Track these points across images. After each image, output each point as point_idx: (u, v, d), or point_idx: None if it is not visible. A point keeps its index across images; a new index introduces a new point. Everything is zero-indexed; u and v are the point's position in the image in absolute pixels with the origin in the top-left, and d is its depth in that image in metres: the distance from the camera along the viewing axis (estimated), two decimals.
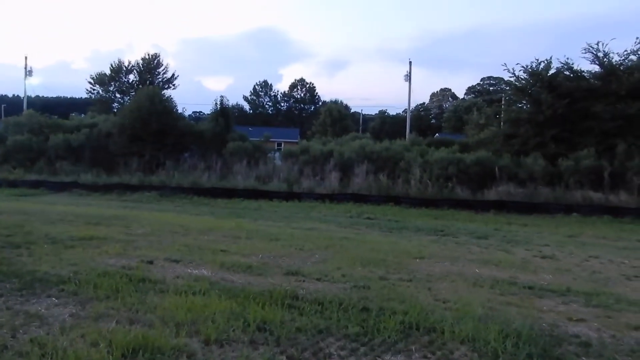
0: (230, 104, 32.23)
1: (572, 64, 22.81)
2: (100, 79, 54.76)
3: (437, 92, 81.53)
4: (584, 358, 3.84)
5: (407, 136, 35.55)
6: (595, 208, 17.73)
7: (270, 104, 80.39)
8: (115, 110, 44.52)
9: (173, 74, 55.81)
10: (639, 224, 15.91)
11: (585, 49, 22.28)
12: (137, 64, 55.05)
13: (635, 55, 22.08)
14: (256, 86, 79.01)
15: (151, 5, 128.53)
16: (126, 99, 51.21)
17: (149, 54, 55.82)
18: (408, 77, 40.62)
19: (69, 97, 77.17)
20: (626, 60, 22.15)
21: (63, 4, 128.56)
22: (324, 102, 72.81)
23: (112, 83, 55.24)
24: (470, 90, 75.22)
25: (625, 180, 18.68)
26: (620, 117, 19.93)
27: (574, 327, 4.62)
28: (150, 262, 6.56)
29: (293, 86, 79.91)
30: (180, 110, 30.75)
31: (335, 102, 63.87)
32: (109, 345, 3.52)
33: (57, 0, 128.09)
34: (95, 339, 3.64)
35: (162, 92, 33.05)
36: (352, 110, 72.03)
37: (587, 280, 6.99)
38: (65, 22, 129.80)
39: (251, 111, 77.05)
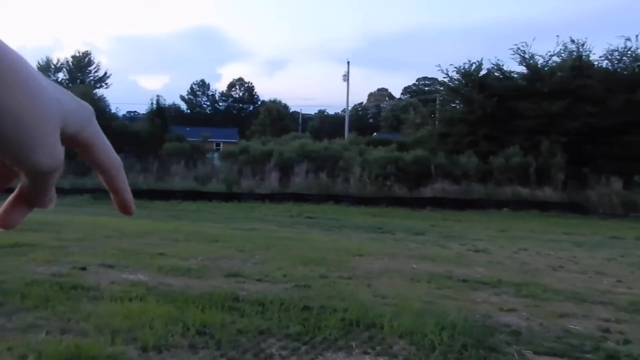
0: (166, 103, 31.52)
1: (502, 65, 23.97)
2: None
3: (374, 92, 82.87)
4: (514, 346, 4.03)
5: (346, 135, 36.01)
6: (524, 203, 18.68)
7: (208, 103, 78.94)
8: None
9: (105, 73, 53.83)
10: (563, 217, 16.90)
11: (513, 51, 23.47)
12: (67, 61, 52.69)
13: (557, 56, 23.49)
14: (193, 85, 77.31)
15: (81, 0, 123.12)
16: None
17: (79, 52, 53.55)
18: (346, 77, 41.30)
19: None
20: (549, 62, 23.51)
21: None
22: (263, 101, 72.29)
23: None
24: (407, 90, 76.93)
25: (549, 176, 19.79)
26: (544, 115, 21.07)
27: (505, 317, 4.85)
28: (83, 269, 6.29)
29: (231, 85, 78.89)
30: (113, 110, 29.87)
31: (274, 102, 63.59)
32: (38, 358, 3.35)
33: None
34: (23, 352, 3.46)
35: (94, 92, 31.82)
36: (291, 110, 71.98)
37: (517, 272, 7.35)
38: None
39: (188, 111, 75.29)
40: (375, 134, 50.75)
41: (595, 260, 8.63)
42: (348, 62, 41.95)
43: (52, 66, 52.56)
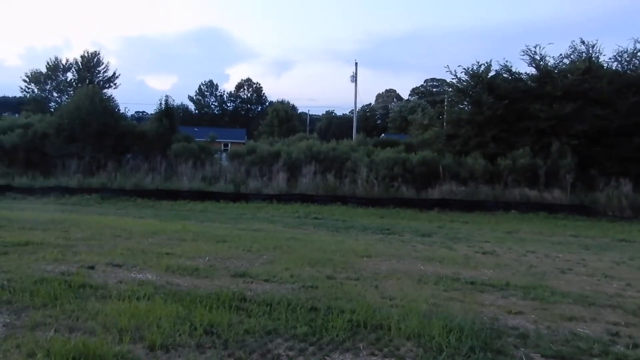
0: (175, 103, 31.58)
1: (511, 66, 23.77)
2: (35, 77, 52.36)
3: (382, 93, 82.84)
4: (522, 349, 4.01)
5: (353, 136, 35.92)
6: (532, 205, 18.57)
7: (216, 104, 79.28)
8: (53, 109, 42.67)
9: (114, 73, 54.19)
10: (571, 219, 16.78)
11: (523, 52, 23.30)
12: (76, 61, 53.09)
13: (568, 59, 23.29)
14: (202, 86, 77.73)
15: (89, 0, 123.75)
16: (64, 98, 49.24)
17: (88, 52, 53.90)
18: (354, 78, 41.10)
19: (0, 96, 73.52)
20: (560, 64, 23.31)
21: None
22: (271, 102, 72.49)
23: (49, 81, 52.95)
24: (414, 91, 76.81)
25: (558, 178, 19.63)
26: (554, 117, 20.89)
27: (512, 320, 4.82)
28: (91, 267, 6.33)
29: (239, 86, 79.20)
30: (122, 110, 30.02)
31: (282, 103, 63.74)
32: (46, 355, 3.37)
33: None
34: (31, 349, 3.48)
35: (103, 92, 32.00)
36: (299, 111, 72.09)
37: (524, 275, 7.30)
38: None
39: (197, 111, 75.68)
40: (382, 135, 50.72)
41: (604, 263, 8.56)
42: (356, 63, 41.90)
43: (61, 66, 52.96)
